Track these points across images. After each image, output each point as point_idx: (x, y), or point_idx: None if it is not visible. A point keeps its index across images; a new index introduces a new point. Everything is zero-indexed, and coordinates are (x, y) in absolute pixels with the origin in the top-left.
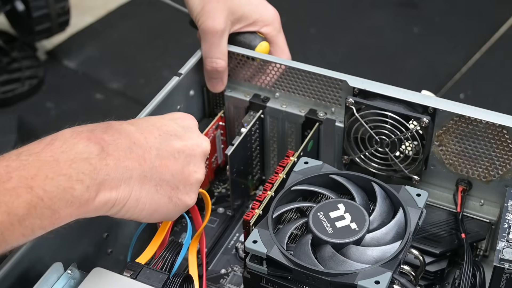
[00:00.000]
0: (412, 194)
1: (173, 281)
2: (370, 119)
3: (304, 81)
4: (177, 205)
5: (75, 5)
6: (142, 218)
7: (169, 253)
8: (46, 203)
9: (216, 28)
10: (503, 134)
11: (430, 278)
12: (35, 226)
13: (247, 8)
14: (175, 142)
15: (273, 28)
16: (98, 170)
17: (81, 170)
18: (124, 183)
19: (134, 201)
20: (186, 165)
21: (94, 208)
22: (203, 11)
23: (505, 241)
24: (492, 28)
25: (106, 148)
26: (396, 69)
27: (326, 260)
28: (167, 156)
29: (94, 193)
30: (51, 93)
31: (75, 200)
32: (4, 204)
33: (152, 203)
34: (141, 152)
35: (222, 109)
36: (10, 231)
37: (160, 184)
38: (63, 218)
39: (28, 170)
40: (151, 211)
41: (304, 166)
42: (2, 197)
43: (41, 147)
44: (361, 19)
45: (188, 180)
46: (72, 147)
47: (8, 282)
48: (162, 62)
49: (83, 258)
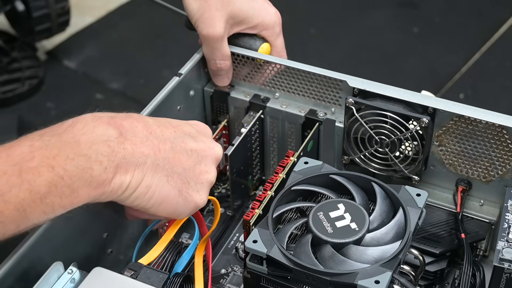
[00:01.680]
0: (412, 194)
1: (173, 281)
2: (370, 119)
3: (304, 82)
4: (186, 200)
5: (75, 5)
6: (150, 207)
7: (169, 253)
8: (66, 182)
9: (215, 35)
10: (503, 134)
11: (430, 278)
12: (56, 204)
13: (249, 13)
14: (189, 141)
15: (273, 32)
16: (116, 153)
17: (100, 152)
18: (138, 168)
19: (144, 187)
20: (198, 164)
21: (110, 190)
22: (202, 18)
23: (504, 241)
24: (492, 28)
25: (124, 133)
26: (396, 69)
27: (326, 260)
28: (181, 151)
29: (111, 175)
30: (51, 93)
31: (93, 180)
32: (26, 182)
33: (162, 192)
34: (157, 142)
35: (225, 117)
36: (32, 208)
37: (171, 175)
38: (81, 197)
39: (50, 150)
40: (159, 200)
41: (304, 166)
42: (24, 175)
43: (63, 128)
44: (361, 19)
45: (199, 178)
46: (92, 129)
47: (8, 282)
48: (162, 62)
49: (83, 258)
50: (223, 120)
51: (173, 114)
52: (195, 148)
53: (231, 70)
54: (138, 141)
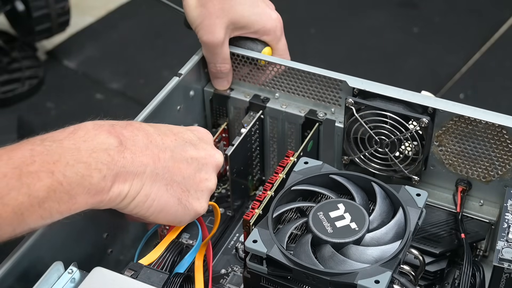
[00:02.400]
0: (412, 194)
1: (173, 281)
2: (370, 120)
3: (304, 82)
4: (186, 208)
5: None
6: (149, 216)
7: (169, 253)
8: (65, 188)
9: (215, 42)
10: (503, 134)
11: (430, 278)
12: (53, 210)
13: (250, 19)
14: (189, 149)
15: (274, 37)
16: (116, 162)
17: (100, 160)
18: (137, 178)
19: (143, 196)
20: (198, 171)
21: (108, 198)
22: (202, 25)
23: (504, 241)
24: (492, 28)
25: (124, 142)
26: (396, 69)
27: (326, 259)
28: (181, 160)
29: (110, 183)
30: (51, 93)
31: (92, 188)
32: (26, 185)
33: (161, 201)
34: (157, 151)
35: (225, 120)
36: (30, 212)
37: (171, 184)
38: (79, 204)
39: (51, 156)
40: (158, 209)
41: (304, 166)
42: (24, 179)
43: (64, 135)
44: (361, 19)
45: (199, 186)
46: (93, 137)
47: (8, 282)
48: (162, 62)
49: (83, 258)
50: (222, 123)
51: (173, 114)
52: (195, 156)
53: (231, 73)
54: (138, 150)
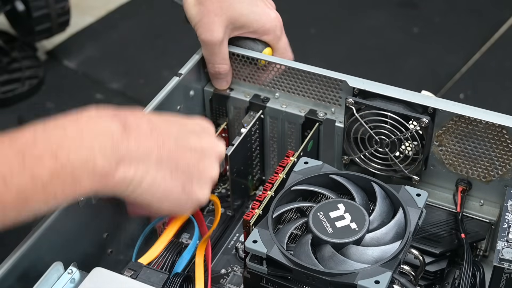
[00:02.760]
0: (412, 194)
1: (173, 281)
2: (370, 119)
3: (304, 81)
4: (189, 197)
5: (75, 5)
6: (154, 203)
7: (169, 253)
8: (69, 172)
9: (214, 41)
10: (503, 134)
11: (430, 278)
12: (58, 194)
13: (249, 18)
14: (193, 138)
15: (274, 37)
16: (120, 146)
17: (104, 144)
18: (142, 163)
19: (149, 182)
20: (201, 161)
21: (114, 183)
22: (201, 23)
23: (504, 241)
24: (492, 28)
25: (128, 128)
26: (396, 69)
27: (326, 260)
28: (184, 148)
29: (114, 168)
30: (51, 93)
31: (96, 172)
32: (29, 169)
33: (166, 188)
34: (161, 138)
35: (225, 120)
36: (34, 196)
37: (176, 171)
38: (84, 188)
39: (55, 140)
40: (163, 196)
41: (304, 166)
42: (27, 163)
43: (68, 120)
44: (361, 19)
45: (203, 174)
46: (97, 122)
47: (8, 282)
48: (162, 62)
49: (83, 258)
50: (222, 122)
51: (173, 114)
52: (198, 145)
53: (231, 73)
54: (142, 136)
